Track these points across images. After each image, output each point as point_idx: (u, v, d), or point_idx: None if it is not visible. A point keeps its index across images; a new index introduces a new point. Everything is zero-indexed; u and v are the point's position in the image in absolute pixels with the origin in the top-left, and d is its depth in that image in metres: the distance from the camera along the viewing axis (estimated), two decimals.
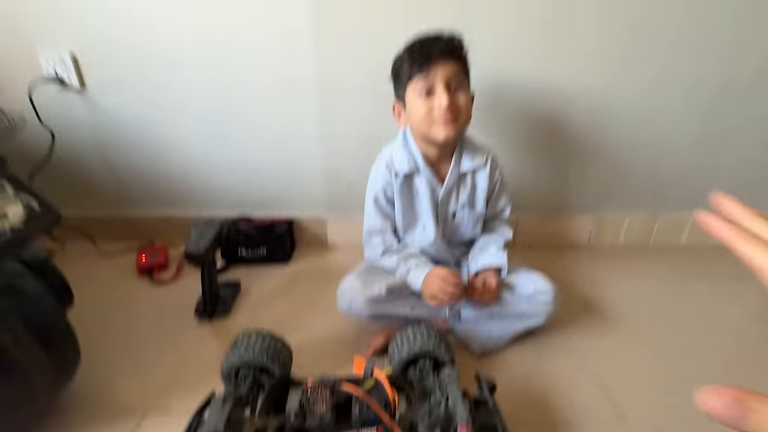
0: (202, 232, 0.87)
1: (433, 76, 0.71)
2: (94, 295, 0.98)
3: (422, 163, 0.81)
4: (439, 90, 0.71)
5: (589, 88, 1.06)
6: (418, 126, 0.76)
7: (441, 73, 0.71)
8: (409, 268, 0.80)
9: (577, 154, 1.15)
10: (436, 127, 0.73)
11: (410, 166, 0.81)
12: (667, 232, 1.26)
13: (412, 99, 0.74)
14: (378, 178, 0.84)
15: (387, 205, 0.85)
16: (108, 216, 1.21)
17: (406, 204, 0.84)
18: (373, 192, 0.85)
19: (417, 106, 0.73)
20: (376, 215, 0.86)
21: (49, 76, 1.03)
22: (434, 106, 0.72)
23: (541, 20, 0.98)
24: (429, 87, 0.72)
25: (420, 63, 0.71)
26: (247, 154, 1.13)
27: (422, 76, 0.71)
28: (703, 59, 1.03)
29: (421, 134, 0.78)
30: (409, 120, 0.78)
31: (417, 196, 0.84)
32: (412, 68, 0.72)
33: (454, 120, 0.73)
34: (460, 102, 0.73)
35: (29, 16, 0.98)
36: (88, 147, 1.13)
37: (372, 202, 0.85)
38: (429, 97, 0.72)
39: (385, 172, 0.82)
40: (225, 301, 0.93)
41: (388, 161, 0.82)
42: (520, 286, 0.81)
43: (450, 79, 0.72)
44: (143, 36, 1.00)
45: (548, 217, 1.23)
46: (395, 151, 0.83)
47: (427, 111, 0.72)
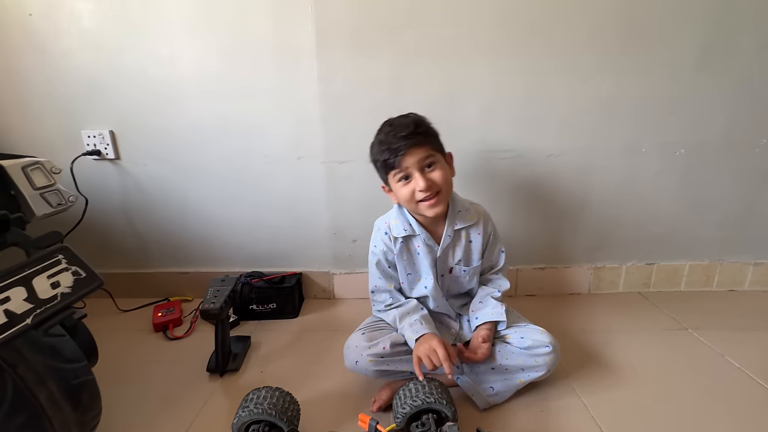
0: (217, 290, 0.93)
1: (405, 164, 0.78)
2: (111, 350, 1.02)
3: (417, 226, 0.88)
4: (415, 175, 0.78)
5: (568, 150, 1.16)
6: (407, 206, 0.85)
7: (411, 160, 0.78)
8: (403, 326, 0.84)
9: (566, 209, 1.22)
10: (422, 206, 0.81)
11: (406, 230, 0.88)
12: (666, 279, 1.29)
13: (394, 185, 0.83)
14: (379, 245, 0.91)
15: (389, 268, 0.92)
16: (129, 273, 1.29)
17: (408, 263, 0.91)
18: (375, 257, 0.92)
19: (400, 191, 0.81)
20: (379, 277, 0.92)
21: (89, 149, 1.16)
22: (414, 188, 0.79)
23: (519, 93, 1.11)
24: (405, 174, 0.79)
25: (391, 159, 0.78)
26: (260, 215, 1.23)
27: (396, 169, 0.79)
28: (671, 125, 1.14)
29: (412, 211, 0.87)
30: (398, 200, 0.86)
31: (417, 256, 0.90)
32: (386, 163, 0.80)
33: (436, 196, 0.80)
34: (437, 178, 0.79)
35: (75, 99, 1.14)
36: (116, 210, 1.23)
37: (374, 266, 0.92)
38: (408, 182, 0.80)
39: (385, 238, 0.90)
40: (236, 356, 0.96)
41: (387, 229, 0.90)
42: (518, 340, 0.83)
43: (421, 162, 0.78)
44: (172, 113, 1.14)
45: (547, 267, 1.28)
46: (391, 219, 0.91)
47: (410, 193, 0.80)
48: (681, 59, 1.08)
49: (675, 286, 1.29)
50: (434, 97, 1.10)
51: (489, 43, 1.07)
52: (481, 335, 0.84)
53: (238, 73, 1.11)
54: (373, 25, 1.06)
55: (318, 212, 1.22)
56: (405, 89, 1.10)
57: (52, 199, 0.61)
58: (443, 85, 1.10)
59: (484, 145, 1.15)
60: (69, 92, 1.13)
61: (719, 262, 1.27)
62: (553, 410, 0.82)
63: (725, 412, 0.80)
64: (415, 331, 0.81)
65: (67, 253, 0.56)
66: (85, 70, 1.11)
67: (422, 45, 1.07)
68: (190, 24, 1.08)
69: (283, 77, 1.10)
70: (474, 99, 1.11)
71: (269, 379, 0.93)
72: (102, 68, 1.11)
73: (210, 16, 1.07)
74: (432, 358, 0.75)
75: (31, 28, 1.09)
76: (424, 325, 0.82)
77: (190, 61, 1.10)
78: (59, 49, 1.10)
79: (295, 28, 1.06)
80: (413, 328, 0.82)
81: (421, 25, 1.06)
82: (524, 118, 1.13)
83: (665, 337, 1.05)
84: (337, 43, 1.07)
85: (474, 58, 1.08)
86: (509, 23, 1.05)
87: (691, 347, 1.01)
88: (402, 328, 0.84)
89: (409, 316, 0.85)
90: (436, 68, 1.09)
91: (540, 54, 1.08)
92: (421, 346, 0.77)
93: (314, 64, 1.08)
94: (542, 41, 1.07)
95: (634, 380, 0.90)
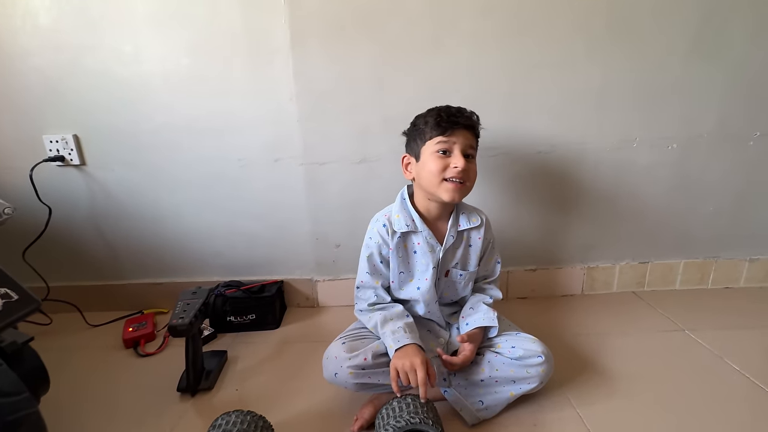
0: (187, 303, 0.86)
1: (454, 140, 0.78)
2: (76, 369, 0.96)
3: (420, 222, 0.84)
4: (456, 152, 0.78)
5: (558, 145, 1.11)
6: (428, 181, 0.79)
7: (460, 140, 0.78)
8: (385, 332, 0.78)
9: (557, 207, 1.18)
10: (444, 186, 0.78)
11: (408, 225, 0.84)
12: (660, 278, 1.25)
13: (429, 155, 0.79)
14: (374, 236, 0.86)
15: (381, 263, 0.86)
16: (99, 285, 1.22)
17: (402, 261, 0.86)
18: (368, 250, 0.86)
19: (432, 163, 0.78)
20: (368, 272, 0.87)
21: (50, 155, 1.09)
22: (449, 165, 0.77)
23: (504, 87, 1.06)
24: (447, 148, 0.78)
25: (444, 126, 0.77)
26: (237, 221, 1.16)
27: (445, 137, 0.77)
28: (663, 117, 1.10)
29: (428, 189, 0.81)
30: (418, 174, 0.82)
31: (413, 255, 0.85)
32: (436, 128, 0.78)
33: (463, 184, 0.79)
34: (471, 168, 0.80)
35: (35, 103, 1.06)
36: (83, 219, 1.16)
37: (365, 259, 0.86)
38: (445, 157, 0.78)
39: (382, 231, 0.85)
40: (209, 373, 0.90)
41: (387, 220, 0.85)
42: (509, 350, 0.78)
43: (466, 147, 0.79)
44: (139, 114, 1.07)
45: (539, 268, 1.23)
46: (393, 211, 0.86)
47: (440, 168, 0.77)
48: (672, 48, 1.04)
49: (670, 284, 1.25)
50: (416, 92, 1.05)
51: (472, 36, 1.02)
52: (465, 333, 0.80)
53: (207, 70, 1.04)
54: (351, 18, 1.00)
55: (298, 217, 1.16)
56: (386, 85, 1.05)
57: None
58: (425, 80, 1.05)
59: None
60: (27, 95, 1.06)
61: (714, 259, 1.24)
62: (547, 423, 0.77)
63: (726, 418, 0.76)
64: (396, 339, 0.75)
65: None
66: (44, 71, 1.04)
67: (403, 38, 1.01)
68: (155, 19, 1.01)
69: (257, 74, 1.04)
70: (457, 94, 1.05)
71: (245, 397, 0.87)
72: (62, 68, 1.04)
73: (176, 9, 1.00)
74: (410, 377, 0.69)
75: None
76: (407, 334, 0.76)
77: (157, 58, 1.03)
78: (15, 49, 1.03)
79: (268, 21, 1.00)
80: (395, 336, 0.76)
81: (402, 18, 1.00)
82: (511, 113, 1.08)
83: (661, 340, 1.01)
84: (313, 37, 1.01)
85: (457, 52, 1.03)
86: (492, 15, 1.00)
87: (688, 349, 0.97)
88: (383, 334, 0.78)
89: (393, 322, 0.80)
90: (419, 63, 1.03)
91: (525, 46, 1.03)
92: (401, 360, 0.71)
93: (289, 59, 1.02)
94: (527, 33, 1.02)
95: (631, 388, 0.85)
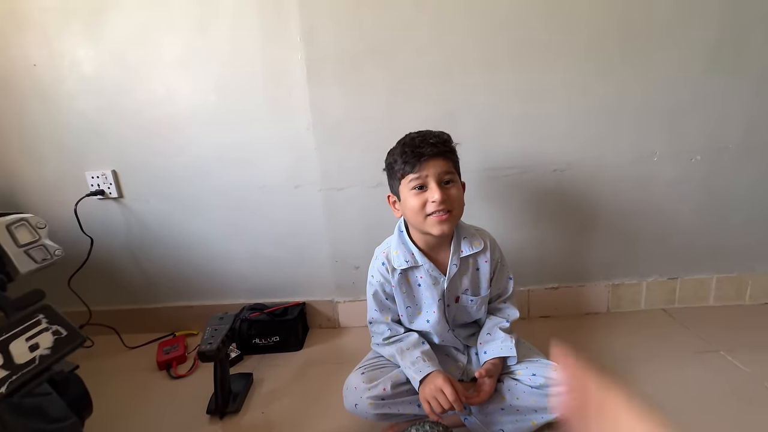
0: (215, 329, 0.91)
1: (425, 173, 0.75)
2: (113, 392, 1.02)
3: (420, 256, 0.83)
4: (431, 186, 0.75)
5: (574, 162, 1.10)
6: (413, 219, 0.79)
7: (432, 170, 0.75)
8: (405, 364, 0.78)
9: (577, 224, 1.16)
10: (430, 222, 0.76)
11: (408, 261, 0.83)
12: (692, 294, 1.20)
13: (407, 193, 0.78)
14: (376, 275, 0.86)
15: (386, 300, 0.87)
16: (136, 309, 1.30)
17: (407, 296, 0.86)
18: (372, 288, 0.87)
19: (411, 201, 0.77)
20: (376, 309, 0.88)
21: (92, 190, 1.19)
22: (427, 199, 0.75)
23: (517, 109, 1.07)
24: (422, 183, 0.75)
25: (412, 162, 0.74)
26: (261, 246, 1.22)
27: (415, 173, 0.75)
28: (684, 130, 1.07)
29: (416, 226, 0.81)
30: (403, 213, 0.82)
31: (418, 288, 0.85)
32: (405, 166, 0.76)
33: (448, 213, 0.76)
34: (452, 195, 0.76)
35: (78, 142, 1.17)
36: (121, 248, 1.25)
37: (371, 297, 0.87)
38: (422, 192, 0.76)
39: (382, 269, 0.85)
40: (236, 396, 0.94)
41: (386, 259, 0.85)
42: (529, 378, 0.77)
43: (441, 175, 0.75)
44: (170, 149, 1.15)
45: (561, 286, 1.21)
46: (392, 247, 0.86)
47: (420, 205, 0.76)
48: (688, 61, 1.02)
49: (702, 301, 1.20)
50: (430, 117, 1.07)
51: (483, 61, 1.04)
52: (484, 368, 0.78)
53: (231, 106, 1.11)
54: (362, 51, 1.05)
55: (318, 240, 1.20)
56: (399, 112, 1.08)
57: (36, 255, 0.61)
58: (439, 106, 1.07)
59: (486, 163, 1.11)
60: (72, 135, 1.16)
61: (750, 273, 1.18)
62: None
63: None
64: (418, 370, 0.76)
65: (48, 312, 0.55)
66: (87, 114, 1.14)
67: (414, 68, 1.05)
68: (183, 62, 1.09)
69: (276, 107, 1.10)
70: (472, 117, 1.08)
71: (270, 420, 0.90)
72: (102, 111, 1.14)
73: (202, 53, 1.08)
74: (440, 400, 0.69)
75: (35, 77, 1.13)
76: (426, 362, 0.77)
77: (185, 98, 1.12)
78: (61, 95, 1.13)
79: (286, 57, 1.06)
80: (416, 366, 0.76)
81: (411, 49, 1.04)
82: (526, 133, 1.09)
83: (696, 362, 0.97)
84: (328, 69, 1.06)
85: (469, 77, 1.05)
86: (503, 39, 1.02)
87: (725, 373, 0.92)
88: (404, 367, 0.79)
89: (410, 352, 0.80)
90: (431, 89, 1.06)
91: (537, 67, 1.04)
92: (427, 387, 0.72)
93: (306, 91, 1.08)
94: (538, 55, 1.03)
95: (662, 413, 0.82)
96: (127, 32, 1.08)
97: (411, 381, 0.76)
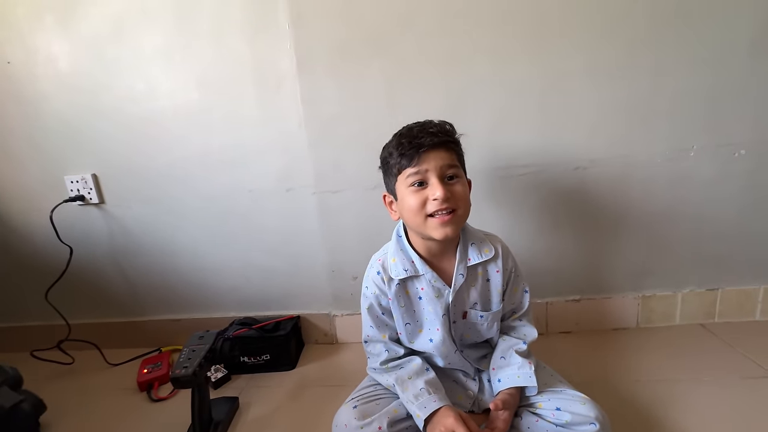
0: (192, 350, 0.81)
1: (425, 167, 0.66)
2: (94, 411, 0.94)
3: (421, 264, 0.73)
4: (432, 181, 0.66)
5: (599, 159, 0.98)
6: (412, 221, 0.69)
7: (433, 163, 0.65)
8: (407, 397, 0.67)
9: (602, 229, 1.03)
10: (431, 224, 0.67)
11: (407, 270, 0.73)
12: (735, 307, 1.06)
13: (404, 191, 0.68)
14: (371, 286, 0.76)
15: (383, 315, 0.76)
16: (120, 323, 1.21)
17: (406, 311, 0.75)
18: (366, 300, 0.77)
19: (409, 199, 0.67)
20: (371, 325, 0.77)
21: (71, 195, 1.10)
22: (428, 197, 0.65)
23: (535, 99, 0.95)
24: (421, 179, 0.66)
25: (410, 154, 0.66)
26: (252, 255, 1.12)
27: (413, 167, 0.66)
28: (725, 121, 0.94)
29: (416, 229, 0.71)
30: (401, 214, 0.72)
31: (418, 301, 0.75)
32: (401, 159, 0.67)
33: (451, 214, 0.66)
34: (457, 191, 0.67)
35: (56, 144, 1.09)
36: (103, 257, 1.16)
37: (366, 312, 0.77)
38: (422, 189, 0.67)
39: (377, 279, 0.74)
40: (218, 425, 0.83)
41: (381, 267, 0.75)
42: (552, 413, 0.65)
43: (443, 169, 0.66)
44: (154, 150, 1.06)
45: (583, 298, 1.08)
46: (389, 254, 0.75)
47: (420, 203, 0.66)
48: (732, 41, 0.89)
49: (748, 315, 1.06)
50: (435, 111, 0.93)
51: (494, 45, 0.92)
52: (499, 399, 0.67)
53: (217, 103, 1.02)
54: (359, 38, 0.94)
55: (313, 248, 1.09)
56: (401, 105, 0.97)
57: None
58: (444, 98, 0.96)
59: (498, 161, 0.99)
60: (50, 137, 1.08)
61: None
62: None
63: None
64: (422, 406, 0.65)
65: None
66: (64, 113, 1.06)
67: (417, 54, 0.94)
68: (165, 55, 1.00)
69: (265, 102, 1.00)
70: (481, 109, 0.96)
71: None
72: (80, 109, 1.05)
73: (184, 44, 0.99)
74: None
75: (10, 75, 1.05)
76: (432, 395, 0.66)
77: (168, 94, 1.02)
78: (37, 94, 1.05)
79: (274, 46, 0.96)
80: (419, 401, 0.65)
81: (415, 33, 0.93)
82: (542, 127, 0.97)
83: (745, 389, 0.83)
84: (320, 60, 0.96)
85: (477, 64, 0.93)
86: (516, 19, 0.90)
87: None
88: (405, 401, 0.67)
89: (412, 382, 0.69)
90: (435, 79, 0.95)
91: (554, 51, 0.92)
92: (436, 429, 0.61)
93: (296, 84, 0.98)
94: (556, 36, 0.91)
95: None
96: (103, 25, 0.99)
97: (415, 420, 0.65)
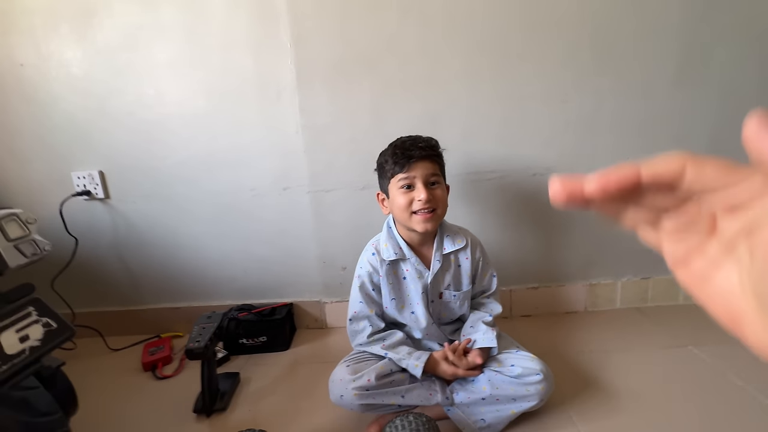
0: (203, 327, 0.92)
1: (413, 174, 0.82)
2: (97, 392, 1.02)
3: (407, 250, 0.88)
4: (418, 186, 0.82)
5: (553, 168, 1.16)
6: (400, 215, 0.85)
7: (420, 172, 0.82)
8: (401, 356, 0.83)
9: (556, 226, 1.21)
10: (415, 219, 0.83)
11: (396, 253, 0.88)
12: (663, 293, 1.26)
13: (395, 191, 0.84)
14: (365, 266, 0.91)
15: (373, 291, 0.91)
16: (121, 311, 1.29)
17: (393, 288, 0.90)
18: (359, 279, 0.91)
19: (399, 199, 0.83)
20: (360, 301, 0.91)
21: (78, 190, 1.18)
22: (414, 198, 0.82)
23: (498, 116, 1.12)
24: (410, 183, 0.82)
25: (402, 163, 0.82)
26: (249, 247, 1.23)
27: (404, 173, 0.82)
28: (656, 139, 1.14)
29: (402, 223, 0.87)
30: (391, 210, 0.88)
31: (403, 281, 0.90)
32: (395, 167, 0.83)
33: (432, 212, 0.82)
34: (438, 195, 0.84)
35: (65, 143, 1.17)
36: (106, 249, 1.24)
37: (358, 289, 0.91)
38: (409, 191, 0.83)
39: (372, 259, 0.90)
40: (224, 394, 0.94)
41: (375, 249, 0.90)
42: (508, 368, 0.81)
43: (428, 177, 0.83)
44: (159, 151, 1.16)
45: (541, 286, 1.26)
46: (381, 240, 0.91)
47: (407, 203, 0.82)
48: (658, 75, 1.09)
49: (673, 299, 1.26)
50: (415, 123, 1.11)
51: (466, 71, 1.09)
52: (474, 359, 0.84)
53: (222, 109, 1.13)
54: (351, 59, 1.08)
55: (307, 241, 1.22)
56: (385, 118, 1.12)
57: (26, 249, 0.61)
58: (423, 113, 1.11)
59: (469, 167, 1.16)
60: (58, 136, 1.16)
61: None
62: None
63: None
64: (417, 357, 0.83)
65: (38, 305, 0.56)
66: (74, 115, 1.14)
67: (400, 75, 1.09)
68: (174, 65, 1.11)
69: (266, 111, 1.13)
70: (455, 124, 1.12)
71: (258, 418, 0.90)
72: (90, 112, 1.14)
73: (193, 56, 1.10)
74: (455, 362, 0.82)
75: (22, 77, 1.13)
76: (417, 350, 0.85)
77: (176, 100, 1.13)
78: (48, 96, 1.13)
79: (276, 64, 1.09)
80: (414, 354, 0.83)
81: (397, 58, 1.08)
82: (506, 140, 1.14)
83: (665, 356, 1.02)
84: (317, 76, 1.10)
85: (452, 86, 1.10)
86: (485, 50, 1.07)
87: (692, 366, 0.98)
88: (398, 359, 0.83)
89: (400, 346, 0.86)
90: (416, 97, 1.11)
91: (516, 77, 1.09)
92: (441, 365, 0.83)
93: (295, 97, 1.11)
94: (518, 65, 1.09)
95: (634, 405, 0.87)
96: (117, 36, 1.09)
97: (410, 369, 0.81)
